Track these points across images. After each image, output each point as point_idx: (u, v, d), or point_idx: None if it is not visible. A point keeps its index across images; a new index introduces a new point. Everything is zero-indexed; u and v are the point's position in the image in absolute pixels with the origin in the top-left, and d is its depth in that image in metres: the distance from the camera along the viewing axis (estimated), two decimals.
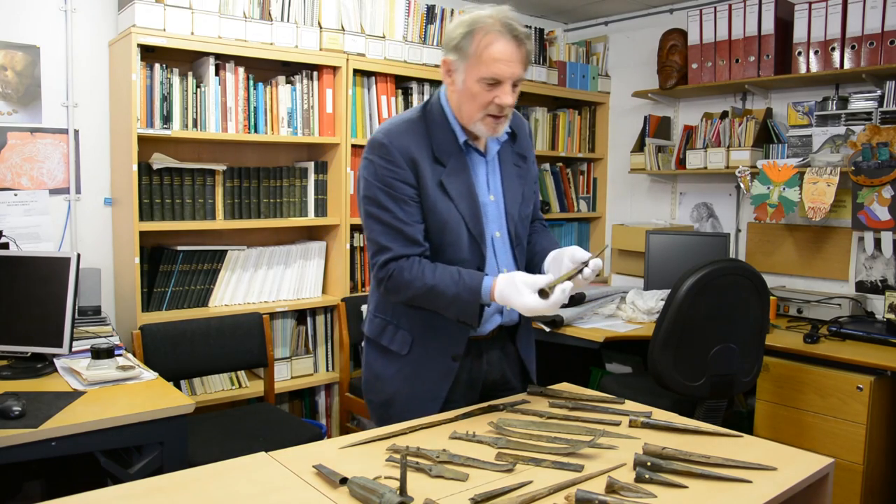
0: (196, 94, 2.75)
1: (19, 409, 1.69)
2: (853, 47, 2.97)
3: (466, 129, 1.67)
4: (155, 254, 2.81)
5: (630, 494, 1.19)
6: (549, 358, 3.45)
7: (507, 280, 1.54)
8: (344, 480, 1.19)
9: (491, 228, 1.71)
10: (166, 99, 2.68)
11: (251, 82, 2.89)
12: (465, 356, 1.70)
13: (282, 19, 2.89)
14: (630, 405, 1.69)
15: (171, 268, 2.79)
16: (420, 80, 3.38)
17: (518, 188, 1.77)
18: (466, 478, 1.25)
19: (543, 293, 1.52)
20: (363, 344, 1.86)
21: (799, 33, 3.13)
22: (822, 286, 3.26)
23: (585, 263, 1.59)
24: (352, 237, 3.21)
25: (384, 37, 3.20)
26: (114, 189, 2.83)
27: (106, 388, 1.96)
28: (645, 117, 3.86)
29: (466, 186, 1.67)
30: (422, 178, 1.62)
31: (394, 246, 1.61)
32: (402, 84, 3.38)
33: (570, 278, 1.57)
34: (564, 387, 1.81)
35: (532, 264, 1.81)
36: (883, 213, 2.88)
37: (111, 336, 2.46)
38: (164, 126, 2.68)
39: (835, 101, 3.09)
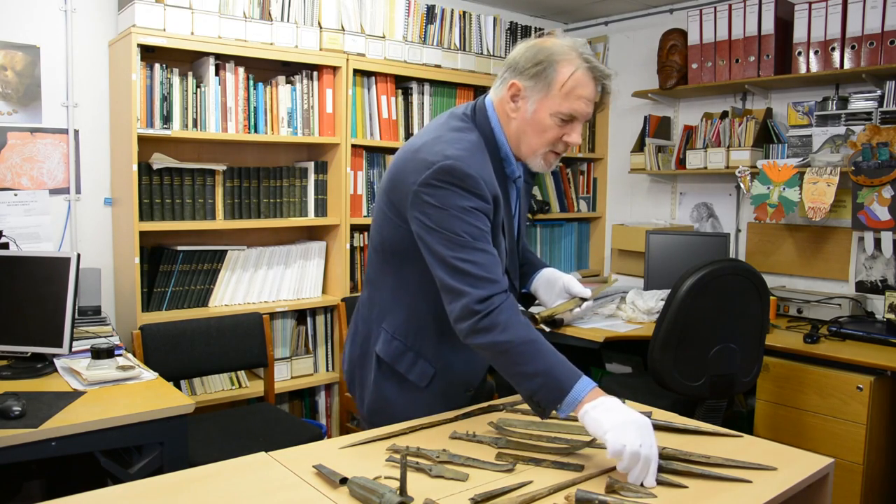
0: (196, 94, 2.75)
1: (19, 409, 1.69)
2: (853, 47, 2.97)
3: (518, 158, 1.57)
4: (155, 254, 2.81)
5: (630, 494, 1.19)
6: None
7: (624, 411, 1.28)
8: (344, 480, 1.19)
9: None
10: (166, 99, 2.68)
11: (251, 82, 2.89)
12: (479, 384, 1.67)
13: (282, 19, 2.89)
14: (630, 405, 1.68)
15: (171, 268, 2.79)
16: (420, 80, 3.38)
17: (526, 205, 1.74)
18: (466, 478, 1.25)
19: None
20: (366, 364, 1.66)
21: (799, 33, 3.13)
22: (822, 286, 3.26)
23: (583, 299, 1.58)
24: (352, 237, 3.21)
25: (384, 37, 3.20)
26: (114, 189, 2.83)
27: (106, 388, 1.96)
28: (645, 117, 3.86)
29: (510, 222, 1.59)
30: (497, 216, 1.50)
31: (499, 278, 1.41)
32: (402, 84, 3.38)
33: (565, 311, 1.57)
34: None
35: (521, 276, 1.77)
36: (883, 213, 2.88)
37: (111, 336, 2.46)
38: (164, 126, 2.68)
39: (835, 101, 3.09)
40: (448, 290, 1.42)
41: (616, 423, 1.24)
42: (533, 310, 1.67)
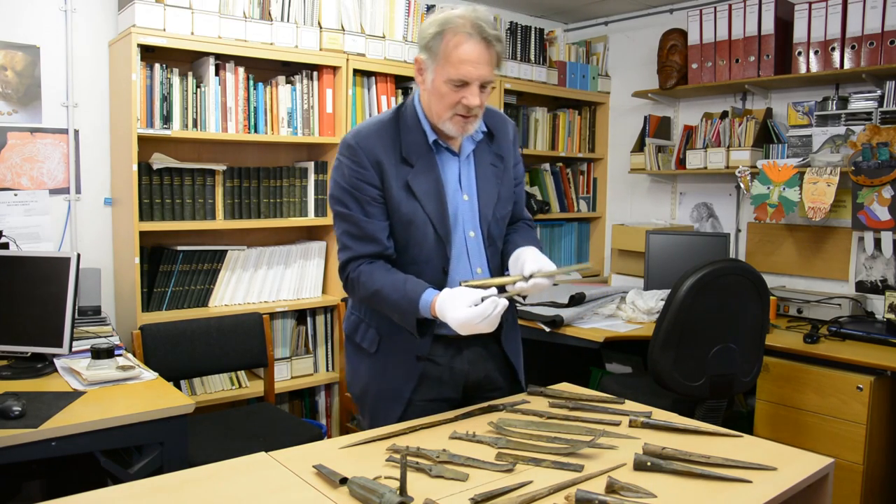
0: (196, 94, 2.75)
1: (19, 409, 1.69)
2: (853, 47, 2.97)
3: (437, 129, 1.67)
4: (155, 254, 2.81)
5: (630, 494, 1.19)
6: (549, 358, 3.46)
7: (448, 293, 1.53)
8: (344, 480, 1.19)
9: (464, 228, 1.70)
10: (166, 99, 2.68)
11: (251, 82, 2.89)
12: (442, 355, 1.70)
13: (282, 19, 2.89)
14: (630, 405, 1.69)
15: (171, 268, 2.79)
16: None
17: (494, 188, 1.74)
18: (466, 478, 1.25)
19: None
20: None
21: (799, 33, 3.13)
22: (822, 286, 3.26)
23: (525, 278, 1.59)
24: None
25: (384, 37, 3.20)
26: (114, 189, 2.83)
27: (106, 388, 1.96)
28: (645, 117, 3.86)
29: (434, 186, 1.66)
30: (386, 179, 1.63)
31: (354, 246, 1.65)
32: (402, 84, 3.38)
33: (501, 286, 1.59)
34: (564, 387, 1.81)
35: (503, 262, 1.79)
36: (883, 213, 2.88)
37: (111, 336, 2.46)
38: (164, 126, 2.68)
39: (835, 101, 3.09)
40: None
41: (455, 324, 1.50)
42: (462, 282, 1.68)
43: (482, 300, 1.49)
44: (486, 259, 1.73)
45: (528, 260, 1.64)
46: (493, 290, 1.52)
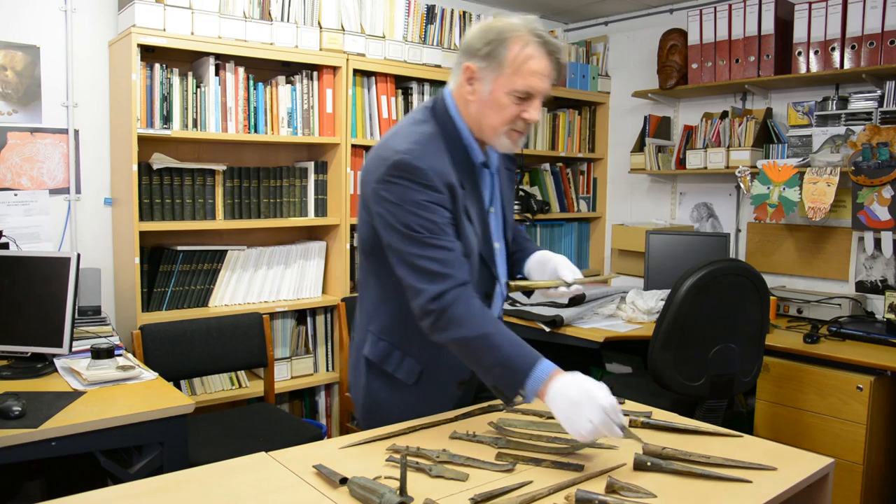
0: (196, 94, 2.75)
1: (19, 409, 1.69)
2: (853, 47, 2.97)
3: (479, 143, 1.57)
4: (155, 254, 2.81)
5: (630, 494, 1.19)
6: (549, 358, 3.45)
7: (582, 380, 1.31)
8: (344, 480, 1.19)
9: (494, 240, 1.65)
10: (166, 99, 2.68)
11: (251, 82, 2.89)
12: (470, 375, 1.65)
13: (282, 19, 2.89)
14: (630, 405, 1.69)
15: (171, 268, 2.79)
16: (420, 80, 3.38)
17: (510, 195, 1.73)
18: (466, 478, 1.25)
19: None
20: (359, 368, 1.67)
21: (799, 33, 3.13)
22: (822, 286, 3.26)
23: (567, 284, 1.57)
24: (352, 237, 3.21)
25: (384, 37, 3.20)
26: (114, 189, 2.83)
27: (106, 388, 1.96)
28: (645, 117, 3.86)
29: (480, 207, 1.58)
30: (456, 203, 1.49)
31: (450, 271, 1.41)
32: (402, 84, 3.38)
33: (544, 288, 1.57)
34: None
35: (514, 262, 1.76)
36: (883, 213, 2.88)
37: (111, 336, 2.46)
38: (164, 126, 2.68)
39: (835, 101, 3.09)
40: (408, 287, 1.45)
41: (565, 416, 1.29)
42: (512, 283, 1.68)
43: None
44: (506, 268, 1.70)
45: (562, 266, 1.62)
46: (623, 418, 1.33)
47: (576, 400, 1.28)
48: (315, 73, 3.06)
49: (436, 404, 1.61)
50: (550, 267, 1.66)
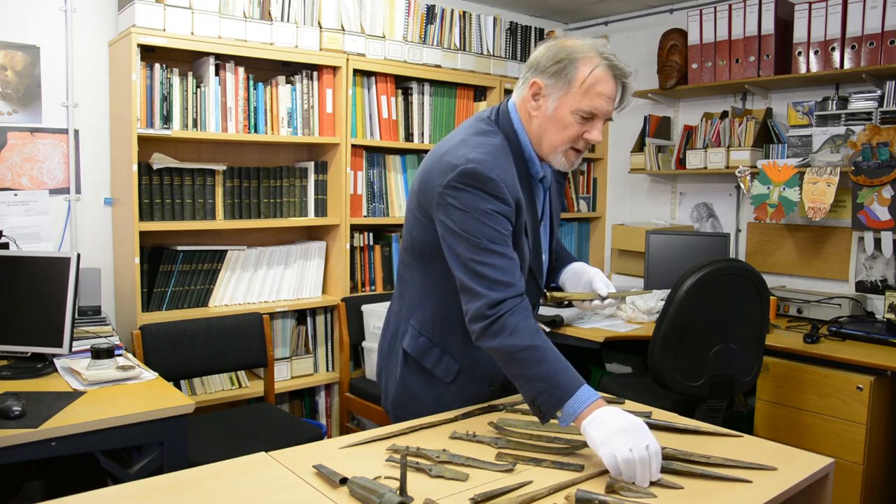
0: (196, 94, 2.75)
1: (19, 409, 1.69)
2: (853, 47, 2.97)
3: (541, 158, 1.59)
4: (155, 254, 2.81)
5: (630, 494, 1.19)
6: None
7: (623, 417, 1.28)
8: (344, 480, 1.19)
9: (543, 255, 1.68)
10: (166, 99, 2.68)
11: (251, 82, 2.89)
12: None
13: (282, 19, 2.89)
14: (630, 405, 1.69)
15: (171, 268, 2.79)
16: (420, 80, 3.38)
17: (559, 208, 1.76)
18: (466, 478, 1.25)
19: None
20: (393, 358, 1.70)
21: (799, 33, 3.13)
22: (822, 286, 3.26)
23: (601, 297, 1.59)
24: (352, 237, 3.21)
25: (384, 37, 3.20)
26: (114, 189, 2.83)
27: (106, 388, 1.96)
28: (645, 117, 3.86)
29: (534, 221, 1.61)
30: (519, 217, 1.53)
31: (515, 282, 1.43)
32: (402, 84, 3.38)
33: (578, 300, 1.61)
34: None
35: (550, 270, 1.77)
36: (883, 213, 2.88)
37: (111, 336, 2.46)
38: (164, 126, 2.68)
39: (835, 101, 3.09)
40: (465, 290, 1.46)
41: (605, 437, 1.25)
42: (548, 293, 1.69)
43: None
44: (546, 278, 1.72)
45: (597, 279, 1.64)
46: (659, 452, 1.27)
47: (625, 428, 1.25)
48: (315, 73, 3.06)
49: (468, 402, 1.65)
50: (585, 279, 1.68)
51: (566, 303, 3.06)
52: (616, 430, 1.25)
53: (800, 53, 3.13)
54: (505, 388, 1.75)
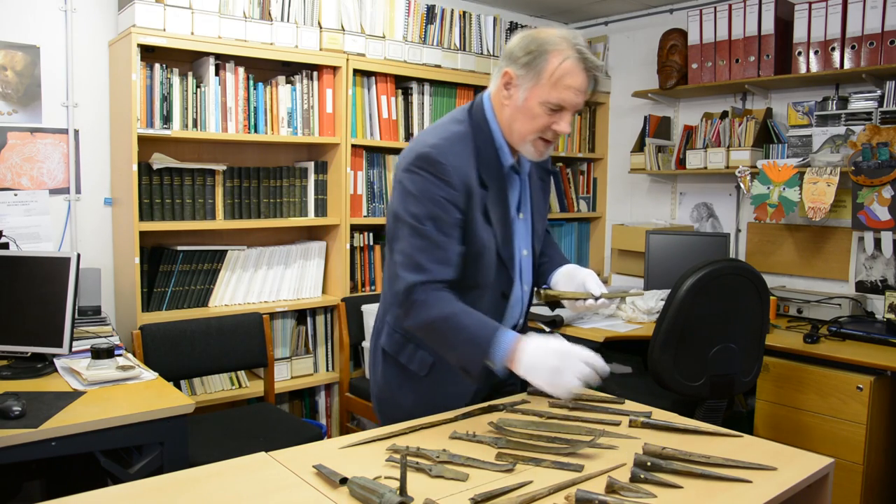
0: (196, 94, 2.75)
1: (19, 409, 1.69)
2: (853, 47, 2.97)
3: (510, 148, 1.60)
4: (155, 254, 2.81)
5: (630, 494, 1.19)
6: None
7: (547, 348, 1.39)
8: (344, 480, 1.19)
9: (519, 248, 1.67)
10: (166, 99, 2.68)
11: (251, 82, 2.89)
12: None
13: (282, 19, 2.89)
14: (630, 405, 1.68)
15: (171, 268, 2.79)
16: (420, 80, 3.38)
17: (543, 204, 1.75)
18: (466, 478, 1.25)
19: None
20: (376, 356, 1.75)
21: (799, 33, 3.13)
22: (822, 286, 3.26)
23: (594, 297, 1.59)
24: (352, 237, 3.21)
25: (384, 37, 3.20)
26: (114, 189, 2.83)
27: (106, 388, 1.96)
28: (645, 117, 3.86)
29: (504, 210, 1.61)
30: (471, 203, 1.54)
31: (433, 269, 1.48)
32: (402, 84, 3.38)
33: (572, 299, 1.60)
34: None
35: (540, 271, 1.77)
36: (883, 213, 2.88)
37: (111, 336, 2.46)
38: (164, 126, 2.68)
39: (835, 101, 3.09)
40: (397, 273, 1.52)
41: (545, 381, 1.38)
42: (542, 291, 1.70)
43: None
44: (531, 275, 1.72)
45: (590, 280, 1.65)
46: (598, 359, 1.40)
47: (558, 367, 1.36)
48: (315, 73, 3.06)
49: (448, 397, 1.64)
50: (578, 280, 1.68)
51: (559, 303, 3.06)
52: (552, 373, 1.37)
53: (800, 53, 3.13)
54: (495, 389, 1.75)
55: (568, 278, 1.71)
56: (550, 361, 1.38)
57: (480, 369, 1.43)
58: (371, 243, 3.32)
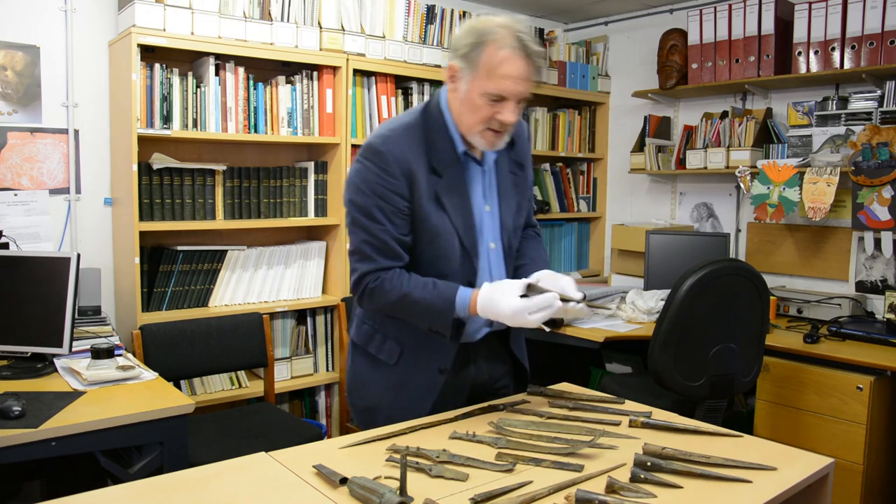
0: (196, 94, 2.75)
1: (19, 409, 1.69)
2: (853, 47, 2.97)
3: (465, 138, 1.62)
4: (155, 254, 2.81)
5: (630, 494, 1.19)
6: (549, 358, 3.46)
7: (492, 286, 1.52)
8: (344, 480, 1.19)
9: (486, 240, 1.67)
10: (166, 99, 2.68)
11: (251, 82, 2.89)
12: (460, 365, 1.68)
13: (282, 19, 2.89)
14: (630, 405, 1.69)
15: (171, 268, 2.79)
16: (420, 80, 3.38)
17: (514, 197, 1.73)
18: (466, 478, 1.25)
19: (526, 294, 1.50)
20: (349, 348, 1.80)
21: (799, 33, 3.13)
22: (822, 286, 3.26)
23: (577, 300, 1.57)
24: None
25: (384, 37, 3.20)
26: (114, 189, 2.83)
27: (106, 388, 1.96)
28: (645, 117, 3.86)
29: (462, 198, 1.62)
30: (416, 190, 1.56)
31: (378, 258, 1.56)
32: (402, 84, 3.38)
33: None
34: (564, 387, 1.81)
35: (517, 273, 1.76)
36: (883, 213, 2.88)
37: (111, 336, 2.46)
38: (164, 126, 2.68)
39: (835, 101, 3.09)
40: (350, 261, 1.62)
41: (487, 312, 1.51)
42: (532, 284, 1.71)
43: (525, 295, 1.49)
44: (504, 270, 1.72)
45: (568, 287, 1.63)
46: (555, 296, 1.49)
47: (497, 298, 1.49)
48: (315, 73, 3.06)
49: (417, 387, 1.65)
50: (558, 286, 1.66)
51: (557, 322, 3.05)
52: (493, 302, 1.49)
53: (800, 53, 3.13)
54: (486, 390, 1.75)
55: (551, 281, 1.70)
56: (494, 295, 1.49)
57: (451, 329, 1.54)
58: None
